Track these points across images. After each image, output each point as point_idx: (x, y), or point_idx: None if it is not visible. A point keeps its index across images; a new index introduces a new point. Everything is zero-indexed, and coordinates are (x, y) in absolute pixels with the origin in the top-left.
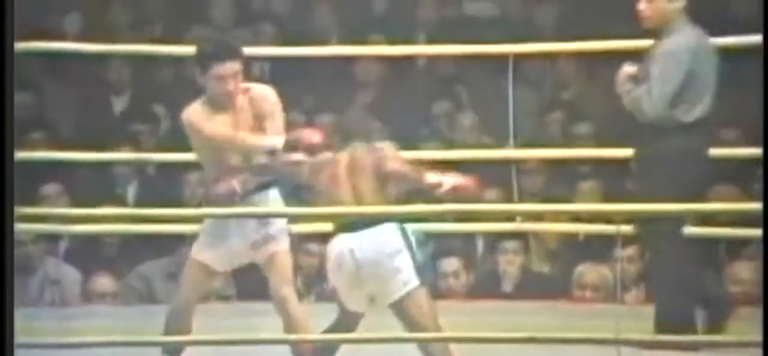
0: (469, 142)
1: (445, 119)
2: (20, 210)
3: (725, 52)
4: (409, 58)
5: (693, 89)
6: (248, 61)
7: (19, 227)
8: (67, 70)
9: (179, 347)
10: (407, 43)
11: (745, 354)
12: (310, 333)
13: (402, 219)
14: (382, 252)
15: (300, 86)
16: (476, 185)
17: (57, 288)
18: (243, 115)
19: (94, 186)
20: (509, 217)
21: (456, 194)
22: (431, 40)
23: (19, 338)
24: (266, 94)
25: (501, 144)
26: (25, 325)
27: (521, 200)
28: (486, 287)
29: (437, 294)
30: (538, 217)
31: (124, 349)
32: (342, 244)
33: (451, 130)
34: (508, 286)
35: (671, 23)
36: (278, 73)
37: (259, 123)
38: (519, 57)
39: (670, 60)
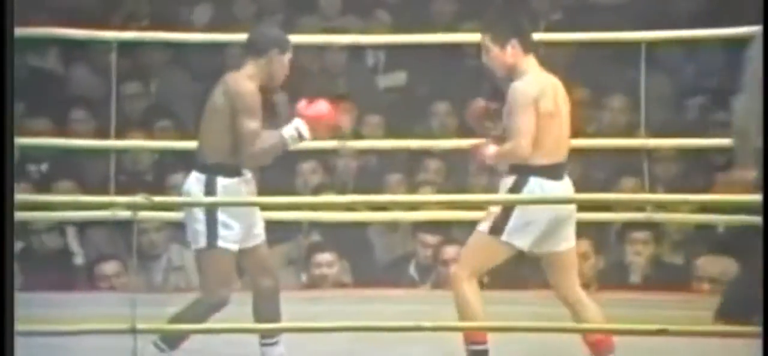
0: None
1: None
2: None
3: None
4: None
5: None
6: None
7: (144, 215)
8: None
9: None
10: None
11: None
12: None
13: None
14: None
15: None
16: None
17: (182, 273)
18: None
19: None
20: (639, 207)
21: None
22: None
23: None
24: None
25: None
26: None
27: (652, 190)
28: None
29: None
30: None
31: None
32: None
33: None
34: (635, 277)
35: None
36: None
37: None
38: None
39: None
